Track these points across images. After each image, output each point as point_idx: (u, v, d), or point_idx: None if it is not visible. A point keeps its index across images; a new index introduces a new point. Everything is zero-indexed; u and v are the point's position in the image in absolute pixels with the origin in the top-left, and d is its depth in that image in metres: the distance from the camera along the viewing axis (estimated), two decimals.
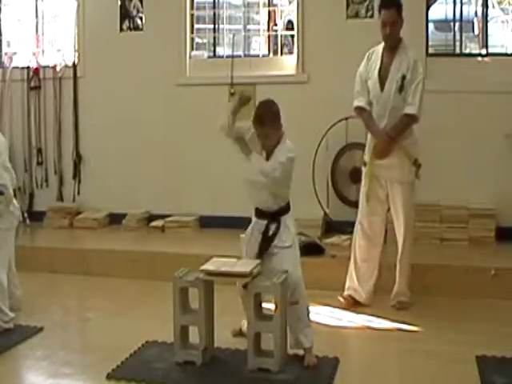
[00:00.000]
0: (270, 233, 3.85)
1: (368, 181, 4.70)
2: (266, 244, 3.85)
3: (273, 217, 3.87)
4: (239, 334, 4.15)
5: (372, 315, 4.57)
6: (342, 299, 4.77)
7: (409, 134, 4.63)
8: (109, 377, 3.63)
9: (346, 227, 5.60)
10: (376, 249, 4.78)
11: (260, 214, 3.91)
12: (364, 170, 4.77)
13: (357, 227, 4.79)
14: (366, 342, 4.26)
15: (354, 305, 4.74)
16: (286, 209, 3.90)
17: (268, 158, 3.85)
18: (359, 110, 4.71)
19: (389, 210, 4.75)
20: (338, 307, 4.72)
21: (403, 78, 4.52)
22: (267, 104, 3.89)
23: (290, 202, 3.94)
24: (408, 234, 4.69)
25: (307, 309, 3.85)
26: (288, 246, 3.85)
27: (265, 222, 3.87)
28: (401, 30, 4.62)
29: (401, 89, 4.52)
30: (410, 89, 4.51)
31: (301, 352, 3.83)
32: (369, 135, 4.76)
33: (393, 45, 4.60)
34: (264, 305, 3.87)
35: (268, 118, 3.79)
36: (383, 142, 4.58)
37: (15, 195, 4.61)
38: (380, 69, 4.62)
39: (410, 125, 4.59)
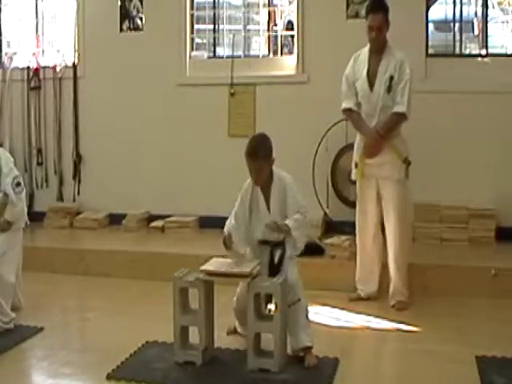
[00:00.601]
0: (276, 260, 3.84)
1: (360, 180, 4.74)
2: (276, 268, 3.84)
3: (276, 244, 3.87)
4: (233, 332, 4.16)
5: (372, 315, 4.57)
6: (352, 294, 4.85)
7: (398, 132, 4.69)
8: (109, 377, 3.63)
9: (346, 227, 5.60)
10: (373, 248, 4.82)
11: (263, 242, 3.91)
12: (355, 170, 4.79)
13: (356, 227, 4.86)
14: (365, 341, 4.26)
15: (358, 300, 4.81)
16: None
17: (265, 195, 3.86)
18: (348, 111, 4.77)
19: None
20: (338, 307, 4.72)
21: (391, 78, 4.59)
22: (260, 139, 3.90)
23: None
24: (403, 233, 4.70)
25: (306, 309, 3.86)
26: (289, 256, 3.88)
27: (268, 248, 3.88)
28: (387, 33, 4.66)
29: (389, 89, 4.60)
30: (398, 88, 4.57)
31: (301, 353, 3.82)
32: (357, 136, 4.82)
33: (379, 47, 4.66)
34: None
35: (261, 152, 3.81)
36: (374, 141, 4.62)
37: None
38: (368, 70, 4.67)
39: (400, 123, 4.65)
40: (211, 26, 6.65)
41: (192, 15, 6.55)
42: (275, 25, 6.67)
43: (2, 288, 4.31)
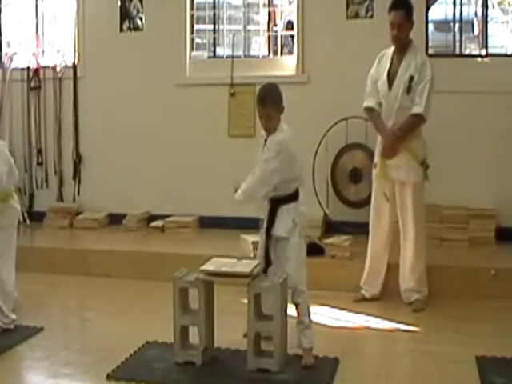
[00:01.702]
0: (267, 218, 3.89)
1: (377, 181, 4.73)
2: (268, 228, 3.89)
3: (275, 203, 3.88)
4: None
5: (372, 315, 4.58)
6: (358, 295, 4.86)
7: (416, 135, 4.65)
8: (109, 377, 3.63)
9: (346, 227, 5.61)
10: (385, 252, 4.82)
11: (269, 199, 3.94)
12: (374, 171, 4.78)
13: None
14: (365, 342, 4.27)
15: (363, 300, 4.82)
16: (287, 199, 3.87)
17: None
18: (368, 110, 4.74)
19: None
20: (338, 307, 4.72)
21: (411, 78, 4.55)
22: (269, 86, 3.95)
23: (296, 192, 3.90)
24: (420, 237, 4.69)
25: (308, 310, 3.86)
26: (283, 237, 3.83)
27: (268, 207, 3.90)
28: (410, 32, 4.62)
29: (408, 89, 4.55)
30: (418, 89, 4.53)
31: (301, 352, 3.83)
32: (379, 137, 4.77)
33: (401, 46, 4.62)
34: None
35: (269, 98, 3.85)
36: (390, 142, 4.60)
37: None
38: (389, 69, 4.64)
39: (418, 125, 4.60)
40: (211, 26, 6.65)
41: (192, 15, 6.55)
42: (275, 25, 6.67)
43: (1, 290, 4.30)
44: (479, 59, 6.02)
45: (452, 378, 3.64)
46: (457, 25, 6.27)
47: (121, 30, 6.62)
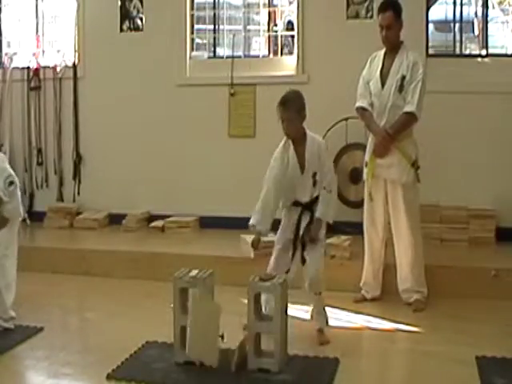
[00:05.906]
0: (304, 224, 4.08)
1: (369, 180, 4.73)
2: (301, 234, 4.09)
3: (306, 206, 4.05)
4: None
5: (372, 315, 4.57)
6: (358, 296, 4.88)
7: (408, 135, 4.66)
8: (109, 377, 3.63)
9: (346, 227, 5.60)
10: (381, 251, 4.82)
11: (294, 203, 4.11)
12: (365, 170, 4.79)
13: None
14: (366, 342, 4.27)
15: (363, 301, 4.84)
16: (315, 199, 4.09)
17: (297, 151, 4.05)
18: (361, 110, 4.76)
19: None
20: (338, 307, 4.72)
21: (403, 78, 4.58)
22: (294, 91, 4.12)
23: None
24: (416, 237, 4.68)
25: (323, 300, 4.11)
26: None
27: (299, 210, 4.07)
28: (399, 32, 4.66)
29: (401, 88, 4.58)
30: (410, 88, 4.56)
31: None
32: (370, 136, 4.79)
33: (392, 48, 4.67)
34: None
35: (293, 102, 4.02)
36: (382, 139, 4.61)
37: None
38: (382, 69, 4.67)
39: (410, 123, 4.61)
40: (211, 27, 6.66)
41: (192, 15, 6.55)
42: (275, 25, 6.67)
43: (5, 282, 4.29)
44: (479, 59, 6.02)
45: (452, 378, 3.63)
46: (457, 25, 6.28)
47: (121, 30, 6.62)
